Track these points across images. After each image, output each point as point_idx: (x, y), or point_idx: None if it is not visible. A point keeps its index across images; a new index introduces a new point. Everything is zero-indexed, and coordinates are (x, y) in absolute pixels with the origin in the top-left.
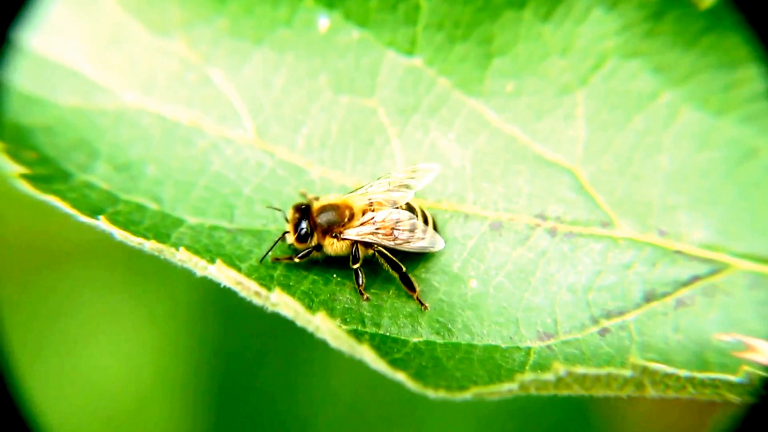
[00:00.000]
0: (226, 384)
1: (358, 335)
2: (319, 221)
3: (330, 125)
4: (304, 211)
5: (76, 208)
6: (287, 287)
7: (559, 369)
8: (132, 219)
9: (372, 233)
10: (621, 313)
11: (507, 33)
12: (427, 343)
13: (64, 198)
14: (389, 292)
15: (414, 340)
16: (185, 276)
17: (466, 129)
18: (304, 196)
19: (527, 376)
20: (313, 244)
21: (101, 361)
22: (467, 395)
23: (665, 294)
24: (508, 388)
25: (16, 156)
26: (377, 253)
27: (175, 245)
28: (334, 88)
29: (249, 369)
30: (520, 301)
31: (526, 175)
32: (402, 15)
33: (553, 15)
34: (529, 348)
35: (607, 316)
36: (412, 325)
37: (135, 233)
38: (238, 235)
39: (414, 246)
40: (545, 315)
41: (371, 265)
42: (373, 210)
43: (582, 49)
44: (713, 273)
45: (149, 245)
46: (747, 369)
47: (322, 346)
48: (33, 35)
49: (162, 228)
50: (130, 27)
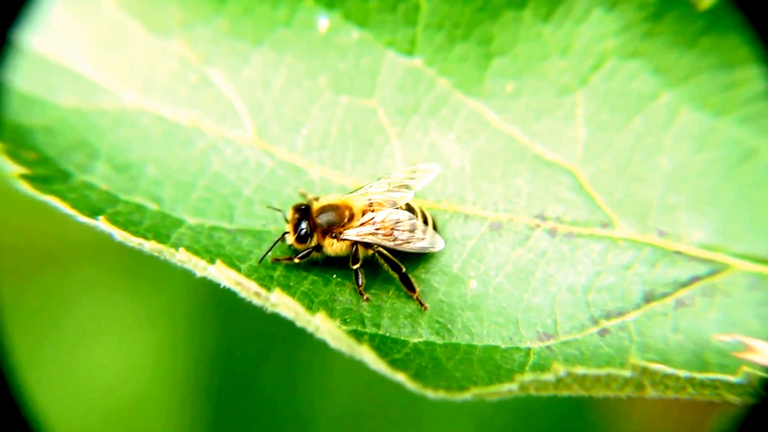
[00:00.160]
0: (225, 385)
1: (357, 336)
2: (319, 222)
3: (330, 125)
4: (303, 212)
5: (75, 208)
6: (287, 288)
7: (559, 369)
8: (132, 219)
9: (372, 233)
10: (621, 314)
11: (507, 33)
12: (427, 344)
13: (63, 198)
14: (389, 292)
15: (414, 340)
16: (184, 277)
17: (465, 129)
18: (303, 196)
19: (527, 376)
20: (313, 244)
21: (101, 362)
22: (467, 396)
23: (665, 294)
24: (507, 388)
25: (15, 156)
26: (377, 254)
27: (175, 246)
28: (333, 88)
29: (248, 370)
30: (519, 302)
31: (525, 176)
32: (402, 15)
33: (553, 15)
34: (529, 348)
35: (607, 316)
36: (411, 326)
37: (135, 234)
38: (237, 236)
39: (414, 246)
40: (545, 315)
41: (371, 266)
42: (373, 210)
43: (582, 50)
44: (713, 273)
45: (149, 246)
46: (746, 370)
47: (321, 347)
48: (32, 36)
49: (162, 228)
50: (129, 27)
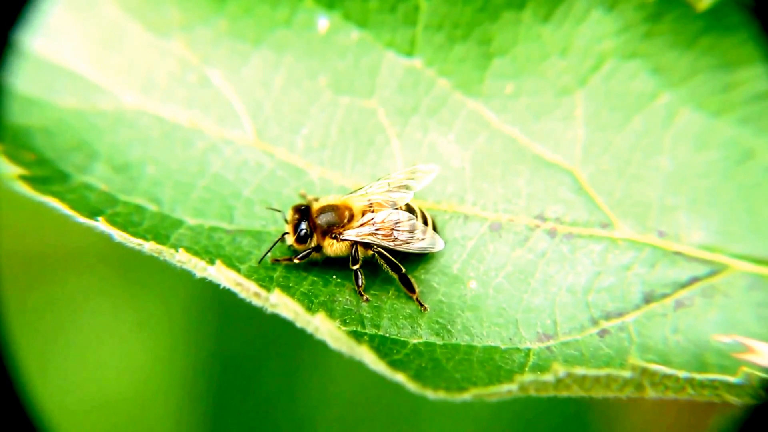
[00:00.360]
0: (224, 388)
1: (357, 336)
2: (319, 222)
3: (329, 126)
4: (303, 212)
5: (74, 209)
6: (287, 288)
7: (559, 370)
8: (131, 220)
9: (371, 234)
10: (620, 315)
11: (506, 34)
12: (427, 344)
13: (62, 199)
14: (389, 293)
15: (413, 341)
16: (184, 280)
17: (465, 130)
18: (303, 197)
19: (527, 377)
20: (313, 245)
21: (103, 365)
22: (467, 396)
23: (664, 295)
24: (507, 389)
25: (14, 157)
26: (377, 254)
27: (175, 246)
28: (333, 88)
29: (248, 373)
30: (519, 303)
31: (525, 176)
32: (401, 15)
33: (553, 16)
34: (529, 349)
35: (607, 317)
36: (411, 327)
37: (134, 234)
38: (237, 236)
39: (413, 247)
40: (545, 316)
41: (371, 267)
42: (373, 211)
43: (581, 50)
44: (712, 274)
45: (149, 246)
46: (745, 370)
47: (320, 350)
48: (32, 36)
49: (161, 229)
50: (128, 28)
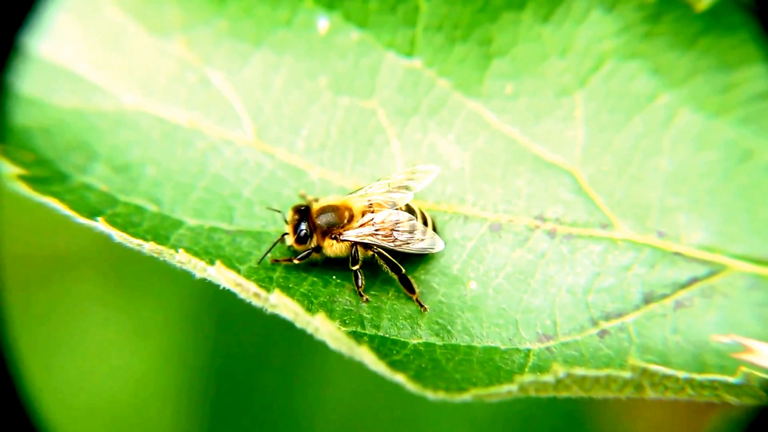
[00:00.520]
0: (222, 391)
1: (357, 337)
2: (319, 223)
3: (329, 126)
4: (303, 213)
5: (74, 209)
6: (286, 289)
7: (559, 371)
8: (131, 221)
9: (371, 234)
10: (620, 315)
11: (506, 34)
12: (427, 345)
13: (62, 200)
14: (388, 293)
15: (413, 341)
16: (182, 284)
17: (465, 130)
18: (303, 197)
19: (526, 377)
20: (313, 245)
21: (104, 370)
22: (466, 397)
23: (664, 296)
24: (507, 389)
25: (13, 157)
26: (376, 255)
27: (175, 247)
28: (333, 89)
29: (246, 376)
30: (519, 303)
31: (525, 177)
32: (401, 16)
33: (553, 16)
34: (529, 350)
35: (607, 317)
36: (411, 327)
37: (134, 235)
38: (237, 237)
39: (413, 247)
40: (544, 317)
41: (370, 267)
42: (373, 211)
43: (581, 51)
44: (711, 274)
45: (148, 247)
46: (744, 370)
47: (319, 353)
48: (31, 37)
49: (161, 230)
50: (128, 28)
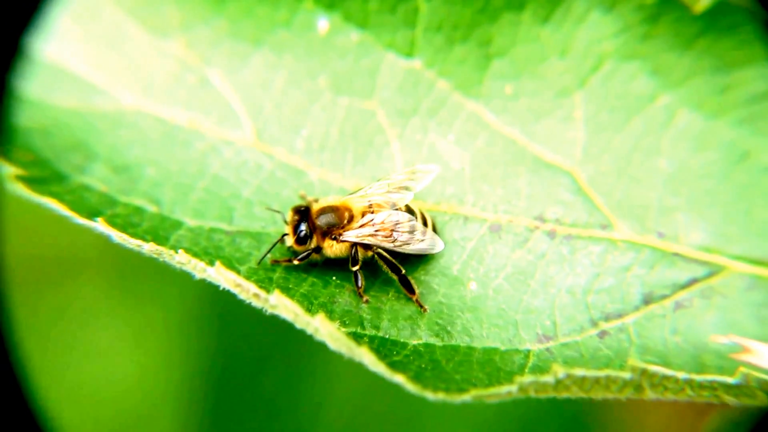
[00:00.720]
0: (224, 392)
1: (357, 338)
2: (319, 223)
3: (329, 127)
4: (303, 213)
5: (73, 210)
6: (286, 289)
7: (558, 371)
8: (130, 221)
9: (371, 235)
10: (620, 316)
11: (506, 35)
12: (427, 346)
13: (61, 200)
14: (388, 294)
15: (413, 342)
16: (184, 286)
17: (465, 131)
18: (303, 198)
19: (526, 378)
20: (313, 246)
21: (110, 372)
22: (466, 397)
23: (664, 296)
24: (507, 390)
25: (11, 157)
26: (376, 255)
27: (174, 247)
28: (333, 89)
29: (248, 376)
30: (519, 304)
31: (525, 177)
32: (401, 17)
33: (552, 17)
34: (528, 350)
35: (606, 318)
36: (411, 328)
37: (133, 235)
38: (237, 238)
39: (413, 248)
40: (544, 317)
41: (370, 268)
42: (373, 212)
43: (580, 51)
44: (711, 275)
45: (148, 247)
46: (743, 371)
47: (321, 357)
48: (33, 38)
49: (161, 230)
50: (128, 28)
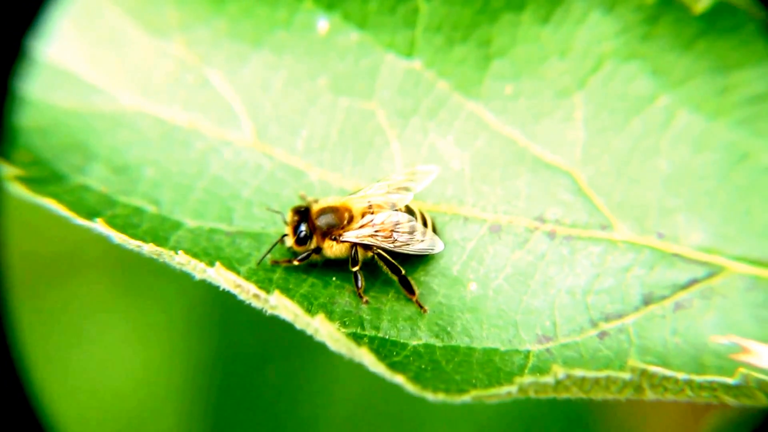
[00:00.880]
0: (226, 391)
1: (357, 338)
2: (318, 224)
3: (329, 127)
4: (303, 214)
5: (72, 210)
6: (286, 290)
7: (558, 372)
8: (130, 222)
9: (371, 235)
10: (620, 316)
11: (506, 35)
12: (427, 346)
13: (60, 200)
14: (388, 295)
15: (413, 343)
16: (186, 285)
17: (465, 131)
18: (303, 198)
19: (526, 379)
20: (313, 246)
21: (112, 372)
22: (466, 398)
23: (663, 297)
24: (507, 391)
25: (10, 157)
26: (376, 256)
27: (174, 248)
28: (333, 90)
29: (250, 376)
30: (519, 304)
31: (525, 178)
32: (401, 17)
33: (552, 17)
34: (528, 351)
35: (606, 319)
36: (411, 328)
37: (133, 236)
38: (237, 238)
39: (413, 248)
40: (544, 318)
41: (370, 268)
42: (372, 212)
43: (580, 52)
44: (710, 276)
45: (148, 248)
46: (743, 371)
47: (323, 351)
48: (34, 39)
49: (160, 231)
50: (127, 28)
